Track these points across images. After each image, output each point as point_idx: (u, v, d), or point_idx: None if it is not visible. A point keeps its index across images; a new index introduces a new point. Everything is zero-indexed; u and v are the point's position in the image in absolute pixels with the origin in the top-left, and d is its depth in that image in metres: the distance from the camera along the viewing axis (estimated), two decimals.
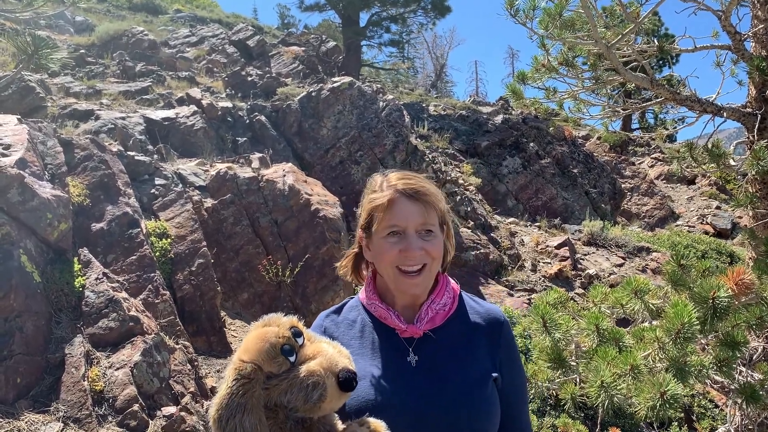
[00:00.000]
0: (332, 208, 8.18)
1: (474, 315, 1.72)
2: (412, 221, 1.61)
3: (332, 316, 1.79)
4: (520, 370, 1.77)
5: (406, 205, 1.61)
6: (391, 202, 1.63)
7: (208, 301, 6.55)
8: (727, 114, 4.22)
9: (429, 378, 1.59)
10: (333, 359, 1.43)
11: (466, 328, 1.69)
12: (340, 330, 1.73)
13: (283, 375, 1.40)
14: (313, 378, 1.38)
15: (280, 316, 1.51)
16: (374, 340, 1.68)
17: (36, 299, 4.77)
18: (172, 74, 13.89)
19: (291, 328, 1.46)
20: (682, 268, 3.08)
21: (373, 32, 22.95)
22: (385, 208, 1.63)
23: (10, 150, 5.47)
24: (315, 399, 1.37)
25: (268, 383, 1.39)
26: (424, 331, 1.64)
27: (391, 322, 1.66)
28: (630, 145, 20.25)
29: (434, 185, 1.70)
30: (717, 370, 2.86)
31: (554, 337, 3.10)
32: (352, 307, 1.80)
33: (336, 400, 1.42)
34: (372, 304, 1.71)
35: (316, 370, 1.39)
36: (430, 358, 1.63)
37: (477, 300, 1.79)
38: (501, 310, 1.80)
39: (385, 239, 1.63)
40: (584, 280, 10.22)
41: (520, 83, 4.72)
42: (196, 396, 5.10)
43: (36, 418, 4.12)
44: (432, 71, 38.62)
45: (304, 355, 1.44)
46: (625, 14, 4.03)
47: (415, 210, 1.61)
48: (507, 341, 1.72)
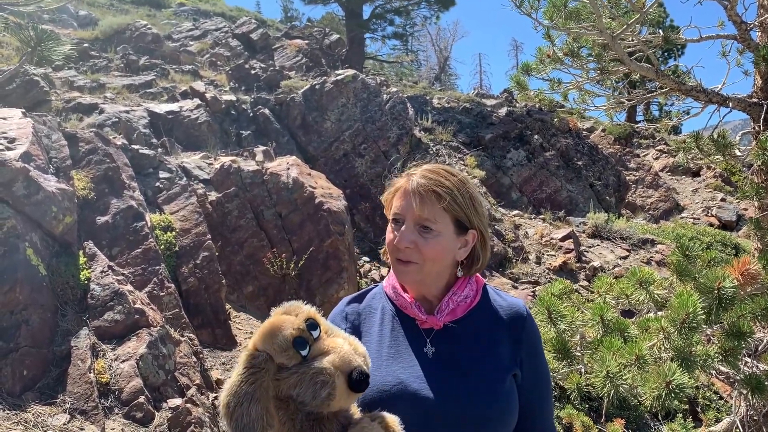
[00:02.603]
0: (336, 201, 8.18)
1: (497, 309, 1.69)
2: (411, 212, 1.58)
3: (354, 303, 1.78)
4: (543, 367, 1.73)
5: (413, 196, 1.58)
6: (400, 190, 1.63)
7: (212, 294, 6.57)
8: (732, 104, 4.20)
9: (445, 370, 1.58)
10: (346, 357, 1.40)
11: (488, 322, 1.66)
12: (362, 317, 1.72)
13: (293, 368, 1.38)
14: (322, 376, 1.35)
15: (301, 305, 1.48)
16: (394, 328, 1.67)
17: (42, 292, 4.78)
18: (175, 68, 13.88)
19: (307, 320, 1.43)
20: (688, 259, 3.08)
21: (377, 25, 22.88)
22: (394, 193, 1.65)
23: (14, 144, 5.48)
24: (323, 397, 1.35)
25: (279, 375, 1.37)
26: (444, 323, 1.63)
27: (411, 312, 1.65)
28: (635, 137, 20.17)
29: (465, 186, 1.63)
30: (722, 360, 2.86)
31: (559, 328, 3.09)
32: (374, 295, 1.78)
33: (345, 399, 1.40)
34: (395, 293, 1.70)
35: (326, 368, 1.36)
36: (447, 350, 1.61)
37: (501, 293, 1.76)
38: (525, 304, 1.76)
39: (390, 224, 1.65)
40: (589, 272, 10.21)
41: (524, 75, 4.71)
42: (201, 388, 5.12)
43: (43, 410, 4.15)
44: (436, 64, 38.48)
45: (318, 348, 1.41)
46: (631, 4, 4.01)
47: (419, 204, 1.57)
48: (529, 336, 1.68)
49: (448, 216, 1.59)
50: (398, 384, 1.56)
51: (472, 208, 1.63)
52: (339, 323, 1.71)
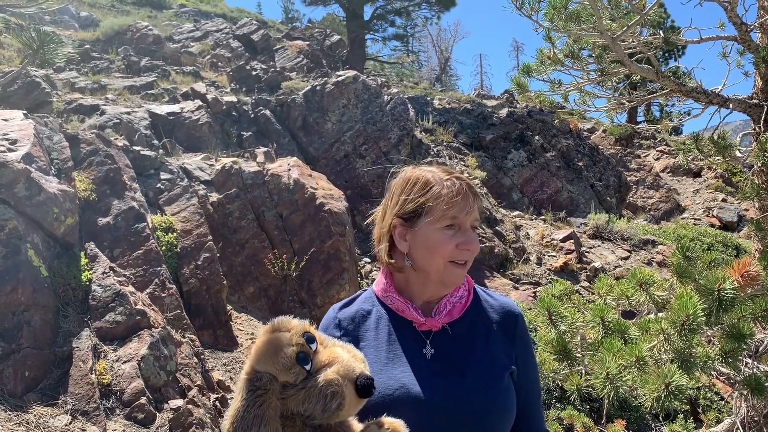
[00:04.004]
0: (337, 202, 8.19)
1: (489, 308, 1.71)
2: (471, 216, 1.61)
3: (344, 309, 1.76)
4: (534, 364, 1.76)
5: (468, 199, 1.60)
6: (455, 195, 1.59)
7: (214, 295, 6.57)
8: (733, 105, 4.20)
9: (445, 371, 1.58)
10: (349, 366, 1.39)
11: (482, 321, 1.68)
12: (356, 323, 1.71)
13: (299, 384, 1.36)
14: (332, 387, 1.34)
15: (290, 320, 1.45)
16: (390, 332, 1.66)
17: (43, 293, 4.79)
18: (176, 69, 13.90)
19: (304, 334, 1.41)
20: (688, 260, 3.08)
21: (378, 26, 22.88)
22: (449, 199, 1.59)
23: (16, 145, 5.49)
24: (333, 408, 1.34)
25: (284, 393, 1.35)
26: (442, 324, 1.64)
27: (408, 315, 1.65)
28: (635, 138, 20.17)
29: None
30: (723, 361, 2.86)
31: (560, 330, 3.10)
32: (365, 299, 1.77)
33: (354, 406, 1.39)
34: (388, 297, 1.69)
35: (334, 378, 1.35)
36: (446, 350, 1.62)
37: (490, 293, 1.78)
38: (514, 302, 1.79)
39: (441, 231, 1.60)
40: (589, 273, 10.21)
41: (525, 76, 4.71)
42: (202, 389, 5.13)
43: (44, 411, 4.16)
44: (436, 65, 38.49)
45: (319, 361, 1.39)
46: (631, 6, 4.02)
47: (473, 205, 1.61)
48: (522, 334, 1.71)
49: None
50: (401, 387, 1.56)
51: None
52: (332, 331, 1.69)
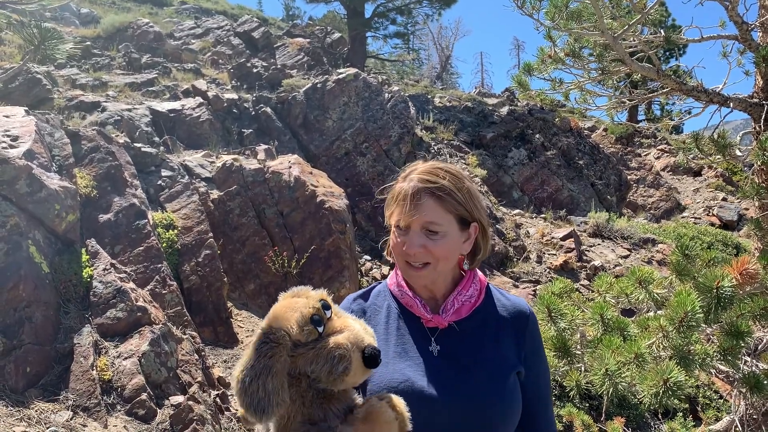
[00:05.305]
0: (338, 200, 8.20)
1: (501, 308, 1.72)
2: (416, 219, 1.58)
3: (359, 300, 1.79)
4: (544, 365, 1.76)
5: (411, 202, 1.58)
6: (401, 197, 1.61)
7: (214, 292, 6.59)
8: (733, 104, 4.21)
9: (450, 368, 1.60)
10: (359, 335, 1.45)
11: (492, 321, 1.69)
12: (368, 315, 1.73)
13: (310, 344, 1.42)
14: (340, 350, 1.40)
15: (309, 289, 1.54)
16: (399, 326, 1.68)
17: (44, 289, 4.81)
18: (177, 66, 13.89)
19: (320, 301, 1.49)
20: (687, 258, 3.09)
21: (379, 24, 22.90)
22: (395, 200, 1.63)
23: (17, 142, 5.50)
24: (339, 371, 1.38)
25: (294, 351, 1.40)
26: (449, 322, 1.64)
27: (416, 311, 1.67)
28: (636, 136, 20.16)
29: (462, 182, 1.64)
30: (722, 359, 2.87)
31: (559, 327, 3.11)
32: (379, 293, 1.79)
33: (359, 375, 1.44)
34: (400, 291, 1.71)
35: (343, 343, 1.41)
36: (452, 348, 1.63)
37: (504, 293, 1.78)
38: (527, 303, 1.78)
39: (394, 231, 1.65)
40: (589, 271, 10.22)
41: (526, 74, 4.72)
42: (203, 386, 5.15)
43: (45, 406, 4.17)
44: (437, 63, 38.46)
45: (331, 327, 1.46)
46: (632, 5, 4.02)
47: (422, 208, 1.57)
48: (532, 335, 1.71)
49: (451, 215, 1.60)
50: (405, 381, 1.57)
51: (471, 202, 1.64)
52: None
